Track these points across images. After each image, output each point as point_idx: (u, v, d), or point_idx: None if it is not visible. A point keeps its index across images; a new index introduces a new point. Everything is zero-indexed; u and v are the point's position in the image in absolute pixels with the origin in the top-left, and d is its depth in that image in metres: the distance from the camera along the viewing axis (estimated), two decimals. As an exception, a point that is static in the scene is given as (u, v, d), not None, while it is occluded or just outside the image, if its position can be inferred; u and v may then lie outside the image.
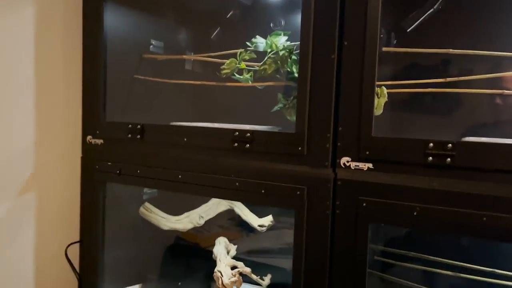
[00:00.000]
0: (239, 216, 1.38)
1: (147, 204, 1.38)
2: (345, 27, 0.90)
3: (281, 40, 1.16)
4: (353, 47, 0.89)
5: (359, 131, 0.88)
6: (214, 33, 1.49)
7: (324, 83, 0.92)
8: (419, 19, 1.17)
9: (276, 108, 1.11)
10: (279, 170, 0.96)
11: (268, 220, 1.32)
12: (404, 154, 0.84)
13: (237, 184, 1.00)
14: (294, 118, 1.08)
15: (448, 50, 0.99)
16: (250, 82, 1.20)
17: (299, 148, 0.93)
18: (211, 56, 1.30)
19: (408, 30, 1.20)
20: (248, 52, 1.15)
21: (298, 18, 1.34)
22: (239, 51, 1.17)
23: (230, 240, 1.39)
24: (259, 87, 1.21)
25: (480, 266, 1.01)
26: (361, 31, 0.88)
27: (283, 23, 1.36)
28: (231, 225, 1.62)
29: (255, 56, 1.17)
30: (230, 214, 1.43)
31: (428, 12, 1.17)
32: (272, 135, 0.98)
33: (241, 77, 1.20)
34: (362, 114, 0.88)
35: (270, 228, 1.35)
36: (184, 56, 1.45)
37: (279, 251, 1.52)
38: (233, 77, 1.21)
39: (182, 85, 1.37)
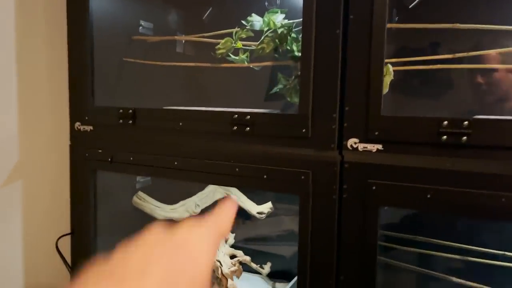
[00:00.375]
0: (236, 203, 1.33)
1: (140, 193, 1.32)
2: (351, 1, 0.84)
3: (279, 18, 1.10)
4: (360, 21, 0.84)
5: (367, 111, 0.83)
6: (206, 14, 1.43)
7: (329, 60, 0.86)
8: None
9: (275, 89, 1.05)
10: (281, 154, 0.91)
11: (267, 207, 1.27)
12: (416, 134, 0.80)
13: (237, 169, 0.95)
14: (296, 99, 1.03)
15: (455, 25, 0.94)
16: (246, 63, 1.14)
17: (303, 130, 0.88)
18: (205, 36, 1.23)
19: (410, 7, 1.16)
20: (245, 30, 1.09)
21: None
22: (234, 30, 1.11)
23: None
24: (256, 68, 1.15)
25: (492, 249, 0.98)
26: (368, 3, 0.82)
27: (278, 1, 1.30)
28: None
29: (252, 35, 1.10)
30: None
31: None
32: (273, 117, 0.93)
33: (237, 58, 1.13)
34: (370, 93, 0.83)
35: (269, 214, 1.31)
36: (176, 37, 1.38)
37: (278, 238, 1.48)
38: (228, 57, 1.15)
39: (174, 69, 1.30)
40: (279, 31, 1.06)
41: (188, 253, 0.27)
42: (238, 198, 1.31)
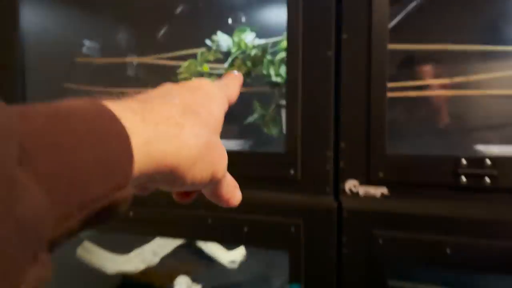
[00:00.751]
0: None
1: (86, 243, 1.11)
2: (344, 15, 0.71)
3: (249, 38, 0.95)
4: (355, 41, 0.70)
5: (368, 147, 0.69)
6: (162, 32, 1.25)
7: (319, 87, 0.72)
8: (399, 15, 1.02)
9: (251, 119, 0.90)
10: (266, 200, 0.75)
11: (240, 253, 1.09)
12: (429, 175, 0.66)
13: (209, 221, 0.78)
14: (274, 131, 0.88)
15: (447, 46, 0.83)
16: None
17: (291, 171, 0.72)
18: (161, 58, 1.06)
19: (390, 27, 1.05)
20: (213, 51, 0.93)
21: (263, 12, 1.15)
22: (199, 50, 0.95)
23: (193, 275, 1.15)
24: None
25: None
26: (364, 19, 0.69)
27: (243, 18, 1.16)
28: (192, 254, 1.37)
29: (221, 56, 0.95)
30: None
31: (409, 8, 1.02)
32: (254, 155, 0.77)
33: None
34: (371, 125, 0.69)
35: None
36: (128, 59, 1.20)
37: (254, 286, 1.30)
38: (191, 83, 0.99)
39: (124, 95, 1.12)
40: (252, 52, 0.91)
41: (205, 92, 0.27)
42: (204, 244, 1.13)
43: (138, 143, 0.21)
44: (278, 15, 1.12)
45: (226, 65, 0.96)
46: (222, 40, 0.98)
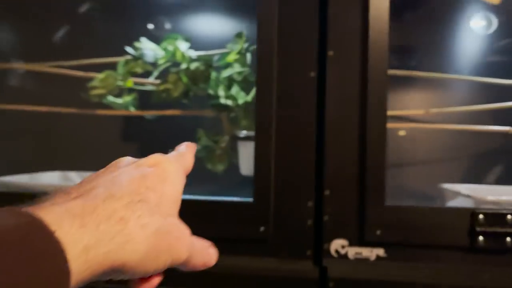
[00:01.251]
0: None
1: None
2: (329, 27, 0.55)
3: (182, 48, 0.76)
4: (344, 59, 0.55)
5: (362, 196, 0.54)
6: (60, 33, 0.99)
7: (299, 116, 0.55)
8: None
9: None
10: (227, 266, 0.55)
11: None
12: (438, 233, 0.53)
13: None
14: (221, 167, 0.69)
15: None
16: (133, 109, 0.76)
17: (261, 229, 0.54)
18: (60, 66, 0.81)
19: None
20: (142, 62, 0.71)
21: (192, 20, 0.95)
22: (122, 59, 0.72)
23: None
24: (148, 117, 0.78)
25: None
26: (355, 31, 0.55)
27: (168, 24, 0.95)
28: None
29: (151, 68, 0.73)
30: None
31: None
32: (212, 206, 0.57)
33: (119, 101, 0.74)
34: (366, 168, 0.54)
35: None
36: (10, 65, 0.91)
37: None
38: (104, 101, 0.75)
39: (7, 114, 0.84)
40: (192, 66, 0.71)
41: (160, 171, 0.26)
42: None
43: (75, 254, 0.21)
44: (211, 25, 0.94)
45: (151, 79, 0.75)
46: (147, 48, 0.76)
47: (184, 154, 0.29)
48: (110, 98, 0.73)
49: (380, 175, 0.53)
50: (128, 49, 0.75)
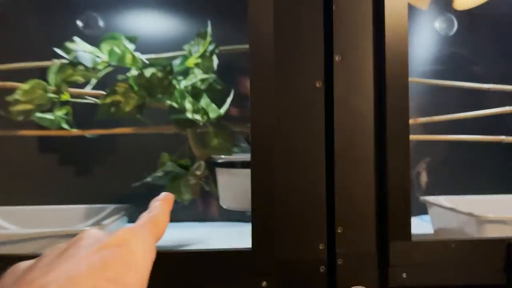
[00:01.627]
0: None
1: None
2: (335, 28, 0.45)
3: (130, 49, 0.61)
4: (353, 65, 0.45)
5: (383, 231, 0.44)
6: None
7: (305, 135, 0.44)
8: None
9: (150, 178, 0.55)
10: None
11: None
12: (472, 272, 0.45)
13: None
14: (186, 197, 0.56)
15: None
16: (68, 127, 0.59)
17: (263, 284, 0.42)
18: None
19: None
20: (87, 69, 0.55)
21: (135, 14, 0.80)
22: (56, 63, 0.55)
23: None
24: (89, 136, 0.62)
25: None
26: (367, 31, 0.45)
27: (101, 22, 0.79)
28: None
29: (98, 77, 0.58)
30: None
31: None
32: (198, 255, 0.43)
33: (49, 116, 0.58)
34: (387, 195, 0.44)
35: None
36: None
37: None
38: (33, 118, 0.58)
39: None
40: (148, 73, 0.56)
41: (125, 254, 0.23)
42: None
43: None
44: (158, 23, 0.80)
45: (88, 89, 0.59)
46: (81, 50, 0.60)
47: (157, 218, 0.26)
48: (39, 115, 0.56)
49: (405, 204, 0.44)
50: (59, 51, 0.59)
